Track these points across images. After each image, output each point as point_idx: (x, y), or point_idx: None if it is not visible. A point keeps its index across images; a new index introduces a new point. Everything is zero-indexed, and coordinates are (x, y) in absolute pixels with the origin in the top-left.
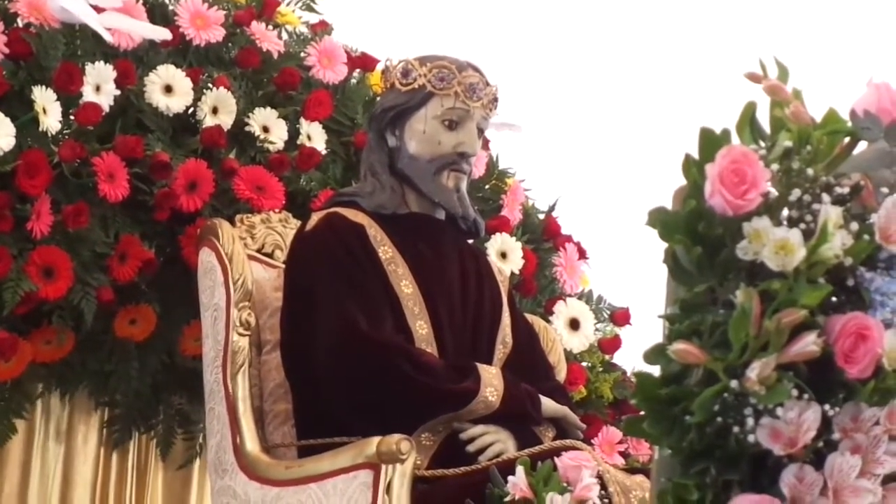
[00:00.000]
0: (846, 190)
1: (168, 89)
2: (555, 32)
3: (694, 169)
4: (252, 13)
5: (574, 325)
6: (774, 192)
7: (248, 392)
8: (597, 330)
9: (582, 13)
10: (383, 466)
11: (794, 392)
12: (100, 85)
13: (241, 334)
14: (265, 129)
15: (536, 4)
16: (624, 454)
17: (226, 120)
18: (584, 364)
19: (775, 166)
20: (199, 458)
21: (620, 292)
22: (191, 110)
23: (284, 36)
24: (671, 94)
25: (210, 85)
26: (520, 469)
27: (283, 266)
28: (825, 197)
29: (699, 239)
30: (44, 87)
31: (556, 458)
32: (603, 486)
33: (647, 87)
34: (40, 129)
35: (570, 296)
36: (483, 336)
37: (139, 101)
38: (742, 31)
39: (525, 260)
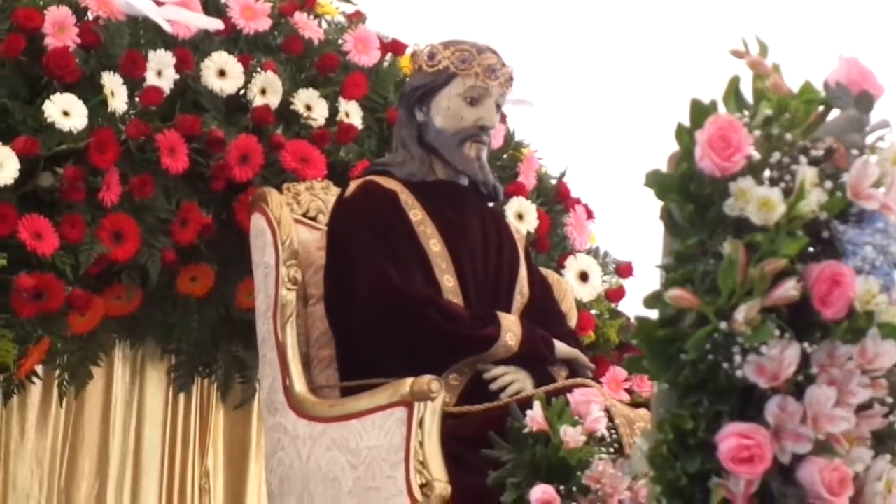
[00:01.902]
0: (821, 152)
1: (222, 73)
2: (564, 18)
3: (685, 136)
4: (295, 5)
5: (583, 277)
6: (757, 155)
7: (296, 340)
8: (603, 281)
9: (586, 3)
10: (416, 404)
11: (777, 332)
12: (161, 70)
13: (289, 289)
14: (308, 108)
15: None
16: (629, 391)
17: (273, 100)
18: (592, 312)
19: (757, 132)
20: (254, 398)
21: (624, 247)
22: (242, 92)
23: (324, 25)
24: (664, 71)
25: (259, 69)
26: (537, 404)
27: (326, 228)
28: (802, 159)
29: (691, 197)
30: (112, 72)
31: (568, 395)
32: (610, 419)
33: (644, 65)
34: (109, 110)
35: (579, 251)
36: (503, 288)
37: (196, 84)
38: (726, 13)
39: (539, 220)
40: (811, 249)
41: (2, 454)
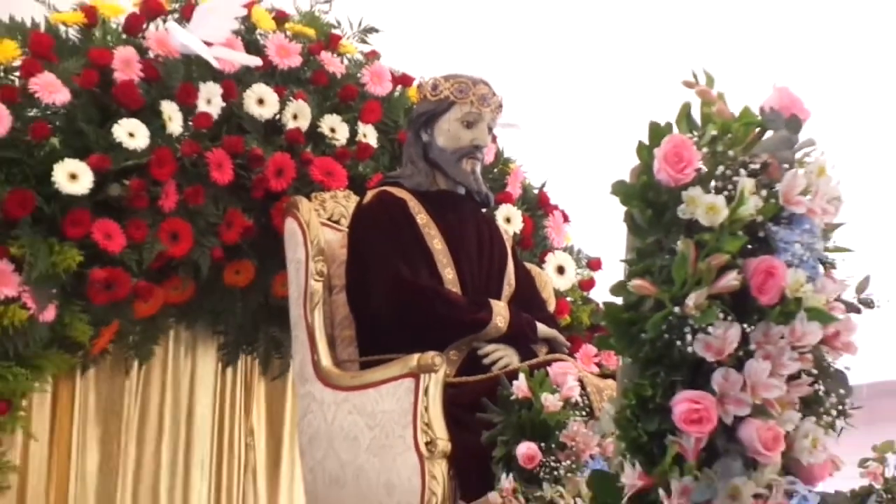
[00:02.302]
0: (758, 166)
1: (260, 101)
2: (546, 56)
3: (645, 152)
4: (321, 45)
5: (560, 270)
6: (704, 169)
7: (323, 322)
8: (577, 274)
9: (566, 43)
10: (422, 375)
11: (721, 315)
12: (210, 99)
13: (316, 280)
14: (332, 130)
15: (532, 35)
16: (598, 364)
17: (303, 124)
18: (568, 299)
19: (705, 149)
20: (289, 371)
21: (594, 245)
22: (277, 117)
23: (345, 62)
24: (627, 99)
25: (291, 98)
26: (522, 376)
27: (347, 230)
28: (742, 171)
29: (650, 204)
30: (169, 101)
31: (548, 368)
32: (583, 388)
33: (610, 95)
34: (167, 132)
35: (557, 249)
36: (494, 279)
37: (239, 110)
38: (678, 51)
39: (524, 223)
40: (749, 247)
41: (79, 419)
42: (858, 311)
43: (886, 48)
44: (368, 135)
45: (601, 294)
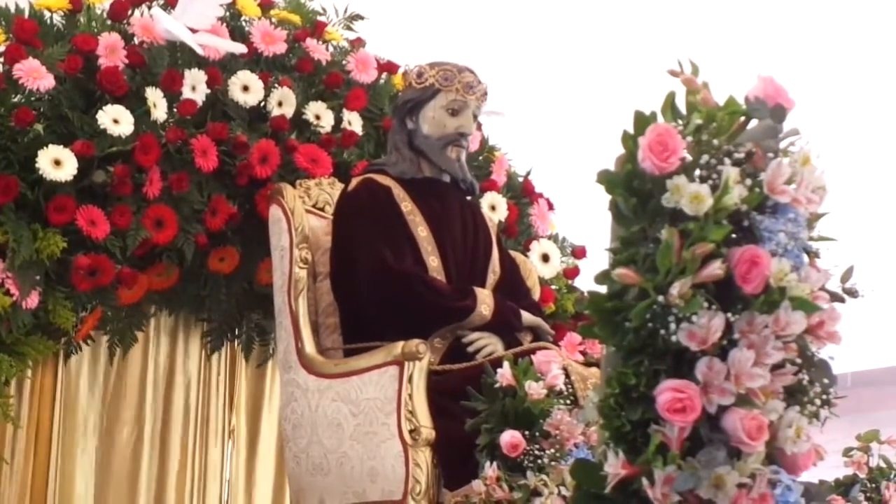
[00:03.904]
0: (742, 155)
1: (245, 88)
2: (531, 44)
3: (630, 141)
4: (307, 32)
5: (545, 258)
6: (689, 158)
7: (307, 310)
8: (562, 262)
9: (552, 30)
10: (406, 363)
11: (705, 304)
12: (195, 86)
13: (300, 267)
14: (317, 117)
15: (517, 22)
16: (582, 352)
17: (288, 111)
18: (552, 287)
19: (689, 138)
20: (272, 358)
21: (579, 233)
22: (262, 104)
23: (331, 49)
24: (612, 88)
25: (276, 85)
26: (506, 364)
27: (332, 217)
28: (726, 160)
29: (634, 192)
30: (154, 87)
31: (532, 356)
32: (567, 376)
33: (595, 84)
34: (152, 118)
35: (541, 237)
36: (478, 267)
37: (224, 97)
38: (663, 41)
39: (508, 211)
40: (734, 236)
41: (62, 402)
42: (843, 300)
43: (870, 38)
44: (353, 122)
45: (586, 282)
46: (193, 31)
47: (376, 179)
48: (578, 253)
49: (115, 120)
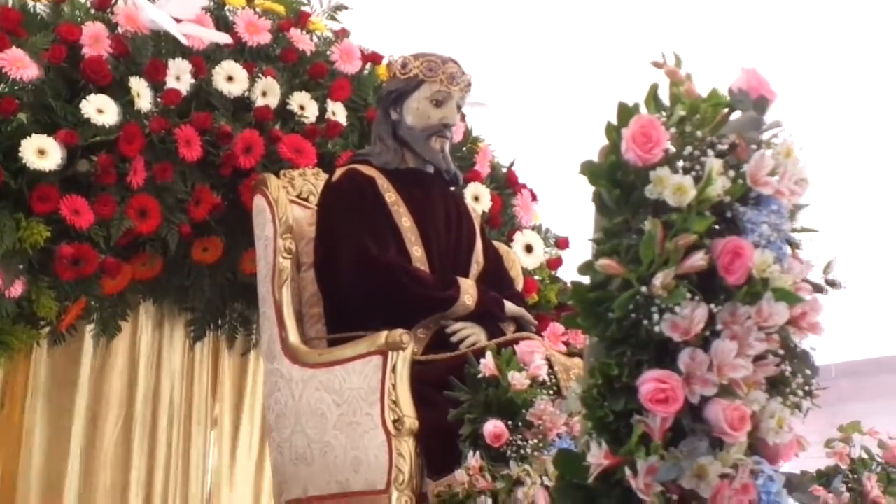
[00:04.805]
0: (725, 147)
1: (230, 78)
2: (514, 35)
3: (613, 132)
4: (291, 22)
5: (528, 249)
6: (672, 149)
7: (291, 300)
8: (545, 252)
9: (535, 21)
10: (390, 353)
11: (688, 295)
12: (179, 76)
13: (284, 257)
14: (301, 108)
15: (501, 13)
16: (566, 343)
17: (272, 101)
18: (535, 277)
19: (673, 130)
20: (255, 348)
21: (562, 224)
22: (246, 94)
23: (315, 39)
24: (595, 78)
25: (260, 75)
26: (489, 354)
27: (316, 207)
28: (710, 152)
29: (617, 183)
30: (138, 77)
31: (515, 346)
32: (550, 366)
33: (579, 75)
34: (136, 108)
35: (525, 228)
36: (462, 257)
37: (208, 87)
38: (647, 33)
39: (492, 202)
40: (717, 227)
41: (53, 394)
42: (825, 291)
43: (850, 30)
44: (338, 112)
45: (569, 273)
46: (178, 20)
47: (360, 170)
48: (562, 243)
49: (100, 109)
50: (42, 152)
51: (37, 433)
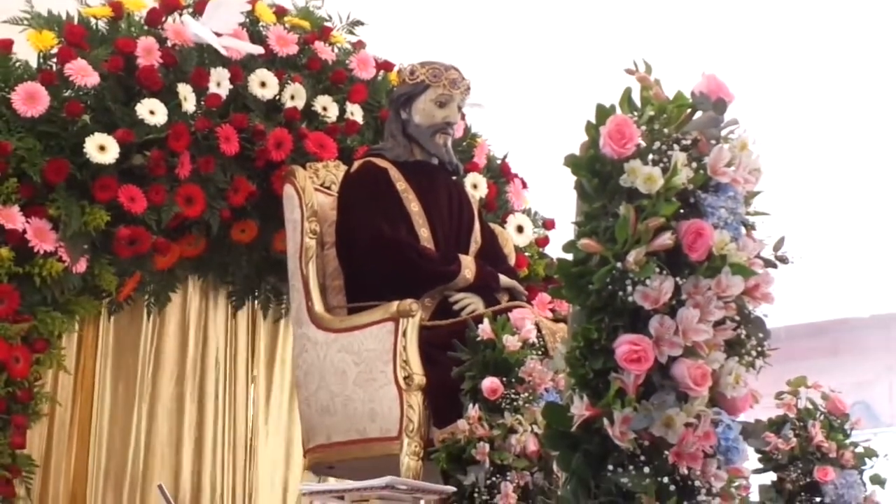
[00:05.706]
0: (689, 142)
1: (263, 84)
2: (508, 47)
3: (592, 129)
4: (315, 36)
5: (520, 229)
6: (643, 144)
7: (316, 274)
8: (534, 232)
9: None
10: (401, 319)
11: (657, 270)
12: (219, 82)
13: (310, 238)
14: (324, 109)
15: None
16: (552, 310)
17: (299, 103)
18: (526, 254)
19: (644, 127)
20: (286, 316)
21: (548, 208)
22: (277, 97)
23: (336, 50)
24: (576, 82)
25: (289, 81)
26: (486, 320)
27: (337, 195)
28: (675, 147)
29: (596, 174)
30: (185, 83)
31: (509, 313)
32: (539, 331)
33: (562, 80)
34: (182, 110)
35: (517, 211)
36: (463, 237)
37: (244, 91)
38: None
39: (488, 189)
40: (682, 211)
41: (110, 357)
42: (775, 266)
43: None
44: (355, 113)
45: (555, 251)
46: (218, 34)
47: (375, 162)
48: (548, 225)
49: (152, 111)
50: (102, 148)
51: (108, 388)
